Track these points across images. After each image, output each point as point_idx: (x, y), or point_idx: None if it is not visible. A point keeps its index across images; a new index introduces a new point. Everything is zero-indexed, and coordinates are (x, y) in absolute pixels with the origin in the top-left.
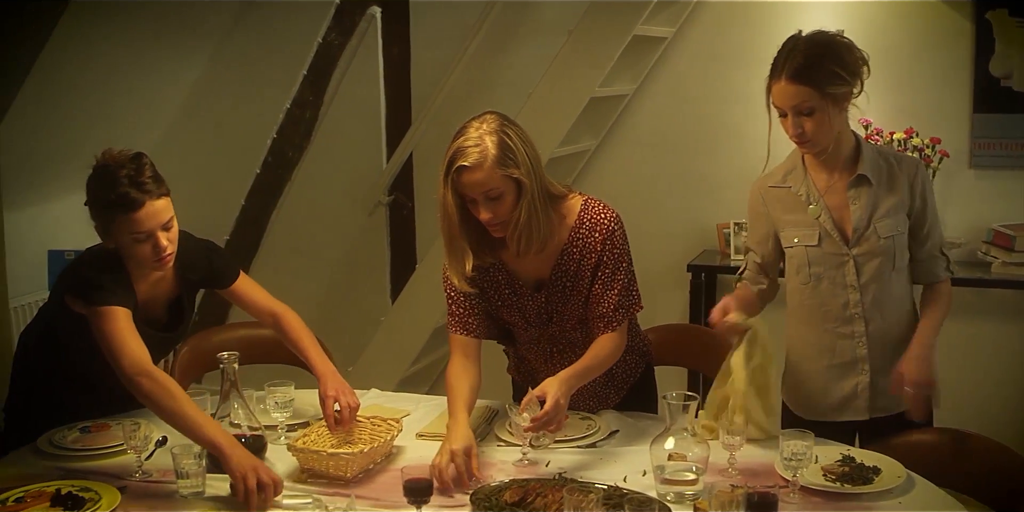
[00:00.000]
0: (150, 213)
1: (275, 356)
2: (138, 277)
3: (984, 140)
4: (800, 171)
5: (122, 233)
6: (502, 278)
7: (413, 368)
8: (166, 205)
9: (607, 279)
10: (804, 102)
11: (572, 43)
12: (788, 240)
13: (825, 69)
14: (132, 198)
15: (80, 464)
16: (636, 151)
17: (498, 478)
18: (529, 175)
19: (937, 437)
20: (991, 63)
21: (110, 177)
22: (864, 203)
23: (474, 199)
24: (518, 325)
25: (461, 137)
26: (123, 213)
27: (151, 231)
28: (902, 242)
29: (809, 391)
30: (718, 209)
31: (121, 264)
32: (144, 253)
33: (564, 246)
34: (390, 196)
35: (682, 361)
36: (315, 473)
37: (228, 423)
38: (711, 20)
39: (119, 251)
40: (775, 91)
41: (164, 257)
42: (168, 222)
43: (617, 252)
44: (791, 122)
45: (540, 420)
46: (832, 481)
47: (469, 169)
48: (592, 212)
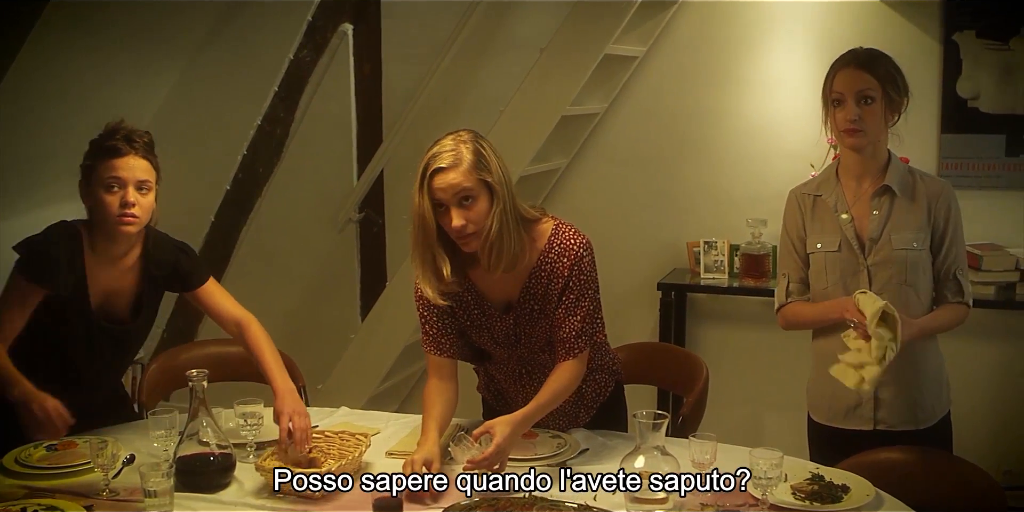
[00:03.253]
0: (130, 164)
1: (244, 374)
2: (101, 263)
3: (952, 160)
4: (833, 181)
5: (100, 182)
6: (471, 298)
7: (383, 386)
8: (148, 169)
9: (571, 305)
10: (867, 88)
11: (544, 61)
12: (812, 246)
13: (888, 70)
14: (118, 147)
15: (46, 483)
16: (607, 169)
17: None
18: (501, 185)
19: (907, 456)
20: (958, 84)
21: (110, 131)
22: (884, 213)
23: (446, 206)
24: (487, 345)
25: (436, 146)
26: (106, 158)
27: (125, 181)
28: (918, 258)
29: (822, 394)
30: (688, 227)
31: (78, 244)
32: (112, 204)
33: (532, 269)
34: (361, 213)
35: (652, 379)
36: (283, 492)
37: (197, 441)
38: (682, 40)
39: (90, 215)
40: (840, 77)
41: (127, 214)
42: (144, 184)
43: (584, 279)
44: (849, 108)
45: (478, 463)
46: (801, 499)
47: (444, 170)
48: (562, 237)
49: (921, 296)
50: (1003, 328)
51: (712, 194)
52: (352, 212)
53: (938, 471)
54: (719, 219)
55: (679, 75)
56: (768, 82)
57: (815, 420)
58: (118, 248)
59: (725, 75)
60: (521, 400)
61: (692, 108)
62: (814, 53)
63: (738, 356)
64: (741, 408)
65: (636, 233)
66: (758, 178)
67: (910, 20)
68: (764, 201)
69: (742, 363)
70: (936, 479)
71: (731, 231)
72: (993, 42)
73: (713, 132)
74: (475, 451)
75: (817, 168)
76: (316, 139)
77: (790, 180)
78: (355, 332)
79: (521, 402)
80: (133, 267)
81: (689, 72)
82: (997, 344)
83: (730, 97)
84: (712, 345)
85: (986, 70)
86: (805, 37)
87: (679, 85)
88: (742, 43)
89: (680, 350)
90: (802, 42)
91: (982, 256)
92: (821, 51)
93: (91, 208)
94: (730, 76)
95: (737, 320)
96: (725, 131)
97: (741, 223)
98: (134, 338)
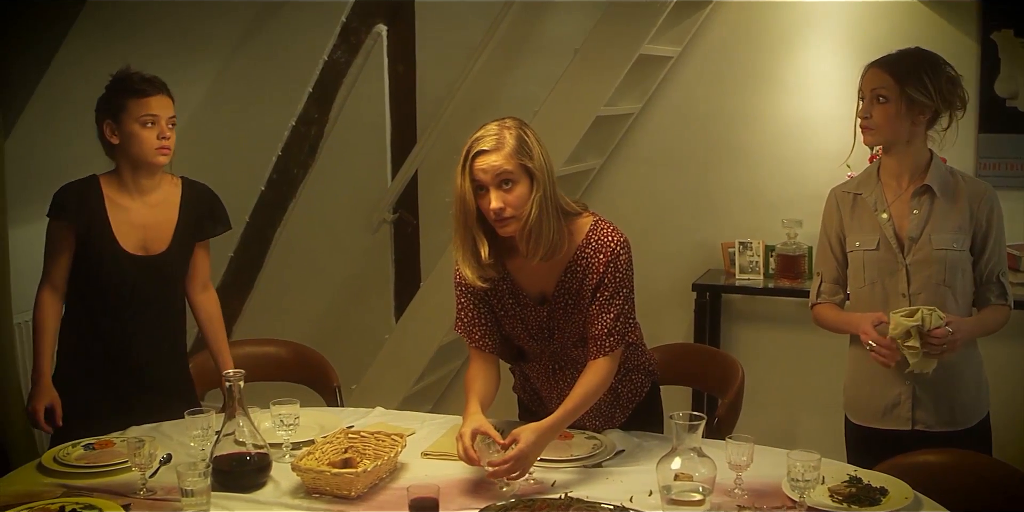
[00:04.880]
0: (160, 102)
1: (280, 374)
2: (131, 198)
3: (990, 160)
4: (873, 180)
5: (131, 120)
6: (507, 287)
7: (417, 386)
8: (171, 107)
9: (605, 302)
10: (881, 88)
11: (578, 62)
12: (851, 244)
13: (913, 70)
14: (145, 87)
15: (84, 481)
16: (641, 170)
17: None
18: (542, 172)
19: (946, 458)
20: (996, 83)
21: (126, 76)
22: (923, 213)
23: (486, 188)
24: (521, 339)
25: (481, 130)
26: (136, 97)
27: (158, 117)
28: (957, 259)
29: (859, 395)
30: (723, 228)
31: (93, 183)
32: (149, 139)
33: (568, 263)
34: (395, 214)
35: (686, 380)
36: (319, 491)
37: (233, 441)
38: (716, 40)
39: (120, 152)
40: (865, 76)
41: (164, 146)
42: (172, 120)
43: (619, 276)
44: (864, 105)
45: (500, 468)
46: (839, 502)
47: (486, 152)
48: (600, 233)
49: (959, 297)
50: None
51: (747, 194)
52: (386, 213)
53: (977, 474)
54: (754, 220)
55: (714, 75)
56: (803, 83)
57: (852, 421)
58: (151, 181)
59: (760, 75)
60: (556, 398)
61: (727, 108)
62: (850, 53)
63: (774, 357)
64: (777, 410)
65: (670, 234)
66: (793, 179)
67: (947, 19)
68: (799, 202)
69: (778, 364)
70: (975, 482)
71: (766, 232)
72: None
73: (748, 132)
74: (494, 453)
75: (853, 169)
76: (350, 140)
77: (825, 181)
78: (389, 332)
79: (555, 401)
80: (171, 203)
81: (724, 72)
82: None
83: (765, 98)
84: (747, 346)
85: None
86: (840, 37)
87: (714, 85)
88: (777, 43)
89: (715, 351)
90: (837, 42)
91: (1021, 257)
92: (857, 52)
93: (123, 144)
94: (765, 77)
95: (772, 321)
96: (760, 132)
97: (776, 224)
98: (168, 270)
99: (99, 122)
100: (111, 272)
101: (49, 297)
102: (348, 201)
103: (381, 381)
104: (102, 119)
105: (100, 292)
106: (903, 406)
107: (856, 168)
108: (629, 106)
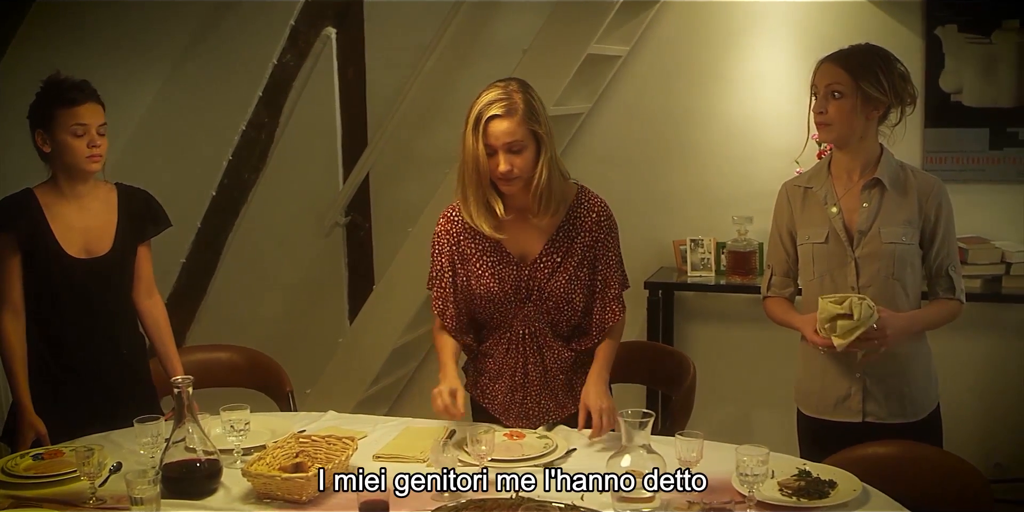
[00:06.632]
0: (90, 110)
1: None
2: (68, 204)
3: (936, 154)
4: (824, 174)
5: (62, 129)
6: (489, 246)
7: (372, 390)
8: (102, 113)
9: (608, 261)
10: (836, 83)
11: (527, 62)
12: (801, 237)
13: (867, 65)
14: (75, 96)
15: (33, 492)
16: (591, 169)
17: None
18: (548, 135)
19: (895, 450)
20: (941, 78)
21: (57, 83)
22: (873, 206)
23: (496, 151)
24: (493, 301)
25: (488, 93)
26: (66, 107)
27: (88, 125)
28: (906, 252)
29: (810, 388)
30: (674, 226)
31: (28, 194)
32: (80, 148)
33: (562, 223)
34: (347, 217)
35: (640, 378)
36: (270, 497)
37: (183, 447)
38: (664, 39)
39: (53, 159)
40: (817, 72)
41: (96, 154)
42: (102, 127)
43: (614, 235)
44: (819, 101)
45: (597, 429)
46: (788, 496)
47: (500, 117)
48: (589, 195)
49: (908, 290)
50: (990, 321)
51: (697, 192)
52: (338, 216)
53: (926, 465)
54: (705, 217)
55: (663, 74)
56: (752, 80)
57: (804, 413)
58: (85, 186)
59: (709, 74)
60: (507, 380)
61: (676, 107)
62: (797, 51)
63: (727, 353)
64: (731, 405)
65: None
66: (743, 176)
67: (892, 15)
68: (750, 199)
69: (731, 360)
70: (924, 473)
71: (717, 229)
72: (975, 36)
73: (697, 130)
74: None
75: (802, 165)
76: (301, 144)
77: (775, 177)
78: (343, 336)
79: (505, 386)
80: (109, 206)
81: (673, 71)
82: (984, 337)
83: (714, 96)
84: (700, 343)
85: (968, 64)
86: (788, 35)
87: (663, 84)
88: (725, 42)
89: (667, 348)
90: (785, 40)
91: (968, 249)
92: (804, 49)
93: (55, 153)
94: (714, 75)
95: (724, 318)
96: (709, 129)
97: (727, 221)
98: (114, 271)
99: (32, 130)
100: (58, 277)
101: (11, 322)
102: (300, 205)
103: (336, 385)
104: (34, 128)
105: (51, 300)
106: (853, 398)
107: (805, 164)
108: (579, 105)
